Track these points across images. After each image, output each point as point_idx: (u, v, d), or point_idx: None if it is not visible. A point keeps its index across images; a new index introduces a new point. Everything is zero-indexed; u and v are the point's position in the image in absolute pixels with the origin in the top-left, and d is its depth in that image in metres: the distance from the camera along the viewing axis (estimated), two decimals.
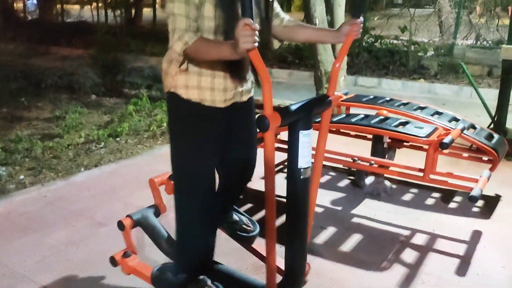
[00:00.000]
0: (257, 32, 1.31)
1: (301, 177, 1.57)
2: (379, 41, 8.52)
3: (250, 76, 1.80)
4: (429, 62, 8.06)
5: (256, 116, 1.45)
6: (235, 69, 1.67)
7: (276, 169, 3.43)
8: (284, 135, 3.08)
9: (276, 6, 1.81)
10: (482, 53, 8.32)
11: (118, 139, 4.17)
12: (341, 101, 3.33)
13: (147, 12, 15.18)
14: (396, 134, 2.70)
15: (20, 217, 2.66)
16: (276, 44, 1.91)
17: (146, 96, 5.17)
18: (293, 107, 1.55)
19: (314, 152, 1.80)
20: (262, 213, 2.63)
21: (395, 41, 8.77)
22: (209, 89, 1.66)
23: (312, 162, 1.63)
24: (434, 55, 8.39)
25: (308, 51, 7.85)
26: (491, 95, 5.22)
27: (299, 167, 1.56)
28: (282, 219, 1.74)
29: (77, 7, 15.71)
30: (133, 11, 14.47)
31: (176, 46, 1.49)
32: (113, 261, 2.02)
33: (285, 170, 3.03)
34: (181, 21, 1.49)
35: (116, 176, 3.32)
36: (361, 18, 1.67)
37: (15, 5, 16.09)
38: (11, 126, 4.42)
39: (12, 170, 3.35)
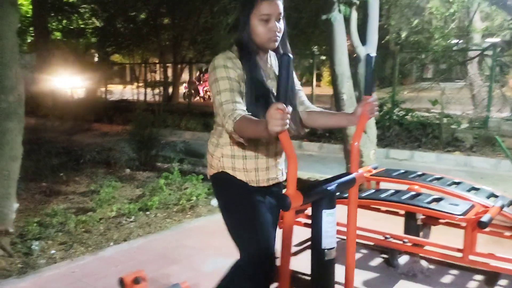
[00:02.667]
0: (288, 115, 1.36)
1: (326, 258, 1.52)
2: (410, 114, 8.53)
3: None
4: (464, 135, 7.92)
5: (278, 194, 1.46)
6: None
7: (304, 245, 3.31)
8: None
9: (302, 95, 1.95)
10: None
11: (148, 212, 4.22)
12: (371, 175, 3.28)
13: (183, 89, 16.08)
14: (429, 211, 2.59)
15: None
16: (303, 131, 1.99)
17: (178, 170, 5.29)
18: (316, 186, 1.54)
19: (345, 229, 1.74)
20: None
21: (426, 114, 8.76)
22: (253, 170, 1.77)
23: (343, 239, 1.58)
24: (468, 127, 8.27)
25: None
26: None
27: (323, 247, 1.51)
28: None
29: (120, 86, 16.91)
30: (170, 90, 15.38)
31: (228, 125, 1.62)
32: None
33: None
34: (228, 106, 1.64)
35: (143, 251, 3.31)
36: (374, 96, 1.70)
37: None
38: (48, 200, 4.58)
39: (45, 245, 3.41)
